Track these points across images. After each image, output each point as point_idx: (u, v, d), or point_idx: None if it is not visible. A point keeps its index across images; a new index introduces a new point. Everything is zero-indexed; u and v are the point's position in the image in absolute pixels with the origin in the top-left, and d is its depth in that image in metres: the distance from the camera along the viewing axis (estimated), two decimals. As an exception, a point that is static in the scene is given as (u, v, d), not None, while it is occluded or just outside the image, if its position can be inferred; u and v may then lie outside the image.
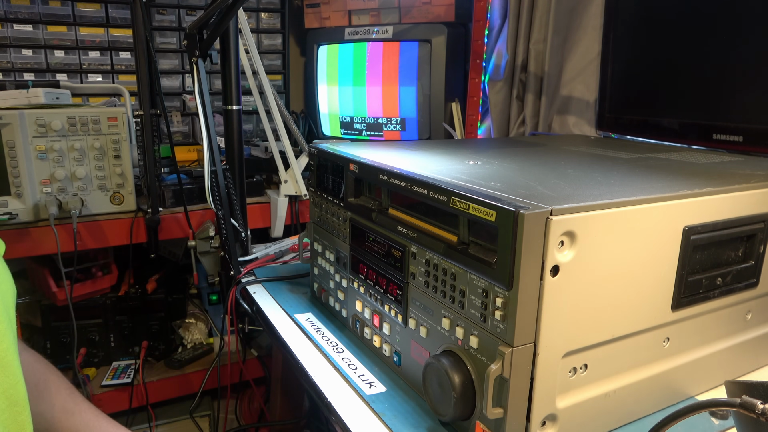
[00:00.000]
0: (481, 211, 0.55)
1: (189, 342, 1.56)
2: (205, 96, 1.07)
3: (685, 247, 0.62)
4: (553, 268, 0.53)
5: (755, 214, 0.68)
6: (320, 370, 0.77)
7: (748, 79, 0.92)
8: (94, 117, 1.26)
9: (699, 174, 0.73)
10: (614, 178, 0.69)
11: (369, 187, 0.79)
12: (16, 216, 1.21)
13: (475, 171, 0.69)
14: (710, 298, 0.67)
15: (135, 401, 1.42)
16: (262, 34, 1.85)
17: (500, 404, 0.56)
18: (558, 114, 1.43)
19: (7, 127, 1.17)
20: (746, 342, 0.74)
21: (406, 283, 0.69)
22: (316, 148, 0.90)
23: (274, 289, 1.05)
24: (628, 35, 1.13)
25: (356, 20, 1.75)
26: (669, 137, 1.06)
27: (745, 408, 0.43)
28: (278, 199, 1.48)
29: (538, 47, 1.42)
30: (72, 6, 1.59)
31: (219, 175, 1.11)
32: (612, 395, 0.62)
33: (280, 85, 1.90)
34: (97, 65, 1.64)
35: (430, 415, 0.66)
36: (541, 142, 1.06)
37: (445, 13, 1.61)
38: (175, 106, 1.74)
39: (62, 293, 1.33)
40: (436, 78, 1.62)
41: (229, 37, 1.13)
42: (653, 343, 0.65)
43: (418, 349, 0.69)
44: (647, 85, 1.10)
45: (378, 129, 1.75)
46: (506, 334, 0.54)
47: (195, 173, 1.48)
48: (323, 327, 0.89)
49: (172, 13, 1.69)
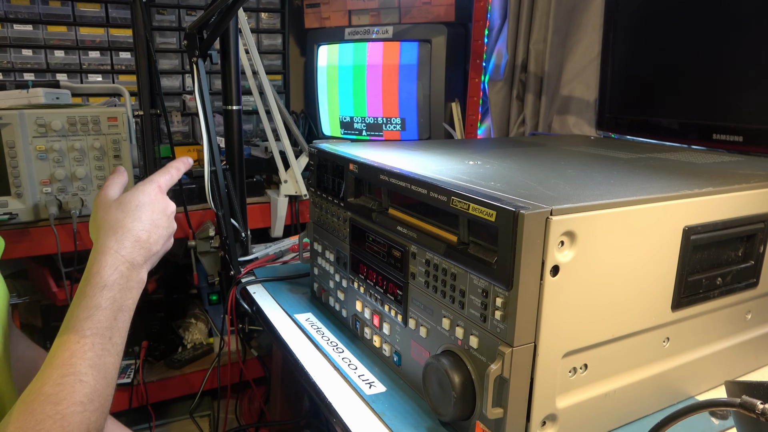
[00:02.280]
0: (481, 211, 0.55)
1: (189, 342, 1.56)
2: (205, 96, 1.07)
3: (685, 247, 0.62)
4: (553, 268, 0.53)
5: (755, 214, 0.68)
6: (320, 370, 0.77)
7: (748, 79, 0.92)
8: (94, 117, 1.25)
9: (699, 174, 0.73)
10: (614, 178, 0.69)
11: (369, 187, 0.79)
12: (16, 216, 1.21)
13: (475, 171, 0.69)
14: (710, 298, 0.67)
15: (135, 401, 1.42)
16: (262, 34, 1.85)
17: (500, 404, 0.56)
18: (558, 114, 1.43)
19: (7, 127, 1.17)
20: (746, 342, 0.74)
21: (406, 283, 0.69)
22: (316, 148, 0.90)
23: (274, 289, 1.05)
24: (628, 35, 1.13)
25: (356, 20, 1.75)
26: (669, 137, 1.06)
27: (745, 408, 0.43)
28: (278, 199, 1.48)
29: (538, 47, 1.42)
30: (72, 6, 1.58)
31: (219, 175, 1.11)
32: (612, 395, 0.62)
33: (280, 85, 1.90)
34: (97, 65, 1.64)
35: (430, 415, 0.66)
36: (541, 142, 1.06)
37: (445, 13, 1.61)
38: (175, 106, 1.74)
39: (62, 293, 1.33)
40: (436, 78, 1.62)
41: (229, 37, 1.13)
42: (653, 343, 0.65)
43: (418, 349, 0.69)
44: (647, 85, 1.10)
45: (378, 129, 1.75)
46: (506, 334, 0.54)
47: (195, 173, 1.47)
48: (323, 327, 0.89)
49: (172, 13, 1.69)
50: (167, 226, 0.72)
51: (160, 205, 0.71)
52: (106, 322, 0.59)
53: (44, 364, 0.56)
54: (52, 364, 0.55)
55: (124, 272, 0.64)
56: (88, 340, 0.57)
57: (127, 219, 0.67)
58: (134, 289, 0.65)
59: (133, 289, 0.65)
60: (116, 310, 0.61)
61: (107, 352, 0.58)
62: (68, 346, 0.56)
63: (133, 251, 0.65)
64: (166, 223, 0.72)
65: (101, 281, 0.61)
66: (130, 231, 0.66)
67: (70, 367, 0.55)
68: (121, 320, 0.62)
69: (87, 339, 0.57)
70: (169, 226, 0.72)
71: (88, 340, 0.57)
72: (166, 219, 0.71)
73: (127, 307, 0.63)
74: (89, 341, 0.57)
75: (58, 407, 0.52)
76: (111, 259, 0.63)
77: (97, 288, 0.61)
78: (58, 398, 0.52)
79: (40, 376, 0.54)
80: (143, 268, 0.67)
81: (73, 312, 0.59)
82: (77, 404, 0.53)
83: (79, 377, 0.54)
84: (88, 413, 0.54)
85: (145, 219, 0.68)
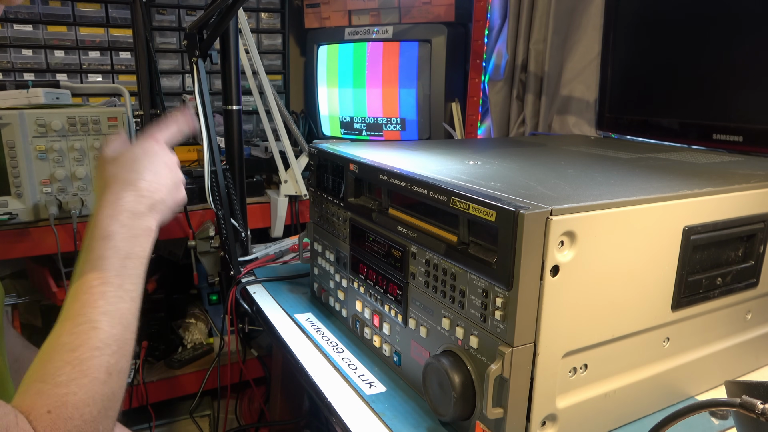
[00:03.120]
0: (481, 211, 0.55)
1: (189, 342, 1.56)
2: (205, 96, 1.07)
3: (685, 247, 0.62)
4: (553, 268, 0.53)
5: (755, 214, 0.68)
6: (320, 370, 0.77)
7: (748, 79, 0.92)
8: (94, 117, 1.25)
9: (699, 174, 0.73)
10: (614, 178, 0.69)
11: (369, 187, 0.79)
12: (16, 216, 1.21)
13: (475, 171, 0.69)
14: (710, 298, 0.67)
15: (135, 401, 1.41)
16: (262, 34, 1.85)
17: (500, 404, 0.56)
18: (558, 114, 1.43)
19: (7, 127, 1.17)
20: (746, 342, 0.74)
21: (406, 283, 0.69)
22: (316, 148, 0.90)
23: (274, 289, 1.05)
24: (628, 35, 1.13)
25: (356, 20, 1.75)
26: (669, 137, 1.06)
27: (745, 408, 0.43)
28: (278, 199, 1.48)
29: (538, 47, 1.42)
30: (72, 6, 1.58)
31: (219, 175, 1.11)
32: (612, 395, 0.62)
33: (280, 85, 1.90)
34: (97, 65, 1.64)
35: (430, 415, 0.66)
36: (541, 142, 1.06)
37: (445, 13, 1.61)
38: (175, 106, 1.74)
39: (62, 293, 1.33)
40: (436, 78, 1.62)
41: (229, 37, 1.13)
42: (653, 343, 0.65)
43: (418, 349, 0.69)
44: (647, 85, 1.10)
45: (378, 129, 1.75)
46: (506, 334, 0.54)
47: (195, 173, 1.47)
48: (323, 327, 0.89)
49: (172, 13, 1.69)
50: (169, 175, 0.70)
51: (158, 156, 0.70)
52: (113, 270, 0.59)
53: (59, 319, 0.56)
54: (66, 316, 0.56)
55: (125, 221, 0.63)
56: (97, 290, 0.57)
57: (122, 171, 0.66)
58: (141, 236, 0.64)
59: (140, 237, 0.63)
60: (123, 257, 0.60)
61: (119, 299, 0.58)
62: (77, 297, 0.57)
63: (132, 200, 0.64)
64: (167, 172, 0.70)
65: (102, 233, 0.61)
66: (126, 181, 0.65)
67: (82, 316, 0.55)
68: (131, 267, 0.61)
69: (96, 289, 0.57)
70: (172, 176, 0.71)
71: (97, 290, 0.57)
72: (166, 168, 0.70)
73: (136, 255, 0.62)
74: (98, 290, 0.57)
75: (74, 354, 0.53)
76: (109, 210, 0.63)
77: (99, 240, 0.60)
78: (73, 345, 0.53)
79: (55, 329, 0.55)
80: (148, 216, 0.66)
81: (80, 267, 0.59)
82: (93, 349, 0.54)
83: (93, 324, 0.55)
84: (106, 356, 0.54)
85: (141, 169, 0.67)
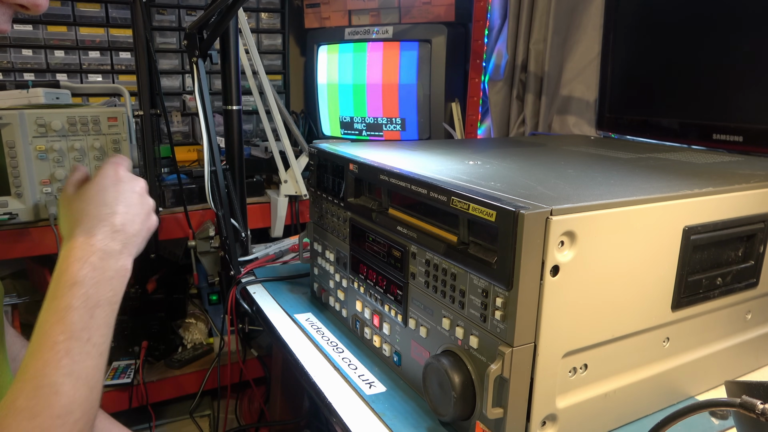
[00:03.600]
0: (481, 211, 0.55)
1: (189, 342, 1.56)
2: (205, 96, 1.07)
3: (685, 247, 0.62)
4: (553, 268, 0.53)
5: (755, 214, 0.68)
6: (320, 370, 0.77)
7: (748, 79, 0.92)
8: (94, 117, 1.26)
9: (699, 174, 0.73)
10: (614, 178, 0.69)
11: (369, 187, 0.79)
12: (16, 216, 1.21)
13: (475, 171, 0.69)
14: (710, 298, 0.67)
15: (135, 401, 1.41)
16: (262, 34, 1.85)
17: (500, 404, 0.56)
18: (558, 114, 1.43)
19: (7, 127, 1.17)
20: (746, 342, 0.74)
21: (406, 283, 0.69)
22: (316, 148, 0.90)
23: (274, 289, 1.05)
24: (628, 35, 1.13)
25: (356, 20, 1.75)
26: (669, 137, 1.06)
27: (745, 408, 0.43)
28: (278, 199, 1.48)
29: (538, 47, 1.42)
30: (72, 6, 1.58)
31: (219, 175, 1.11)
32: (612, 395, 0.62)
33: (280, 85, 1.90)
34: (97, 65, 1.64)
35: (430, 415, 0.66)
36: (541, 142, 1.06)
37: (445, 13, 1.61)
38: (175, 106, 1.74)
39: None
40: (436, 78, 1.62)
41: (229, 37, 1.13)
42: (653, 343, 0.65)
43: (418, 349, 0.69)
44: (647, 85, 1.10)
45: (378, 129, 1.75)
46: (506, 334, 0.54)
47: (195, 173, 1.48)
48: (323, 327, 0.89)
49: (172, 13, 1.69)
50: (140, 203, 0.65)
51: (126, 184, 0.65)
52: (81, 322, 0.54)
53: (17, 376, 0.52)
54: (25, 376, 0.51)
55: (97, 264, 0.57)
56: (62, 346, 0.52)
57: (91, 206, 0.61)
58: (114, 279, 0.59)
59: (112, 280, 0.58)
60: (92, 307, 0.55)
61: (86, 355, 0.53)
62: (40, 354, 0.52)
63: (105, 238, 0.59)
64: (138, 200, 0.65)
65: (70, 279, 0.56)
66: (96, 217, 0.60)
67: (44, 378, 0.51)
68: (100, 317, 0.56)
69: (60, 345, 0.52)
70: (142, 203, 0.66)
71: (62, 346, 0.52)
72: (136, 196, 0.65)
73: (107, 301, 0.57)
74: (63, 347, 0.52)
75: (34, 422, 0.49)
76: (79, 252, 0.57)
77: (66, 287, 0.55)
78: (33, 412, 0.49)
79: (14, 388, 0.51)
80: (122, 255, 0.61)
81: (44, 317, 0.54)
82: (55, 417, 0.50)
83: (55, 389, 0.50)
84: (68, 426, 0.50)
85: (111, 202, 0.62)
